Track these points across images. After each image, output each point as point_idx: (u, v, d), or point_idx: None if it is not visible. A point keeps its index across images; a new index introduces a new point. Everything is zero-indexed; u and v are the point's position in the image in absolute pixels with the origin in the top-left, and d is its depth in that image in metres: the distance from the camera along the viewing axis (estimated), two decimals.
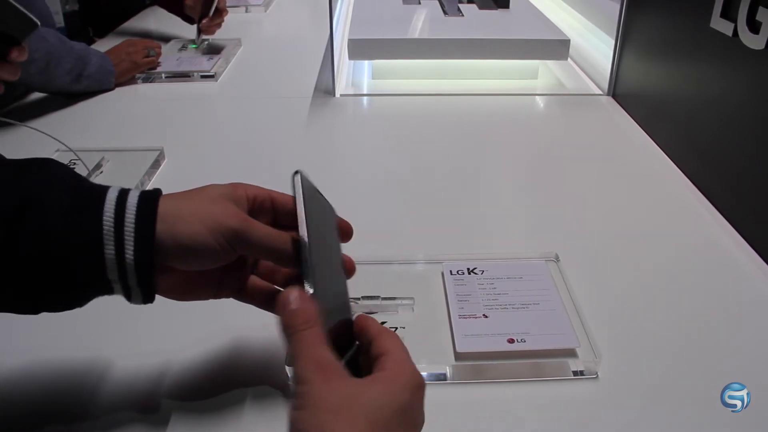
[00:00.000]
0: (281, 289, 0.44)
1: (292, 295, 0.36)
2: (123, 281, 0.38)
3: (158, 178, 0.84)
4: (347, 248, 0.46)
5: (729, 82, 0.74)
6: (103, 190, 0.39)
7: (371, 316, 0.40)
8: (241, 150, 0.94)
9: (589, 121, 1.05)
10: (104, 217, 0.38)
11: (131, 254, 0.38)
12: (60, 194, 0.38)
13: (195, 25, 1.36)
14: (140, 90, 1.18)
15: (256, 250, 0.41)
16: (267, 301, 0.46)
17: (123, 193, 0.39)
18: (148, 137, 0.97)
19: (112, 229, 0.38)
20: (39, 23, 0.71)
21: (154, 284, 0.40)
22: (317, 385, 0.32)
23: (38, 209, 0.37)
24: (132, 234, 0.38)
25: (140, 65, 1.19)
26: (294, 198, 0.40)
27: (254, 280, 0.47)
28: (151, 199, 0.39)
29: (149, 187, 0.81)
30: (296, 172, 0.41)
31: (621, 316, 0.58)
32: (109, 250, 0.37)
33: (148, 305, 0.42)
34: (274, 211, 0.44)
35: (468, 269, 0.61)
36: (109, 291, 0.39)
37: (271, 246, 0.41)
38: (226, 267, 0.43)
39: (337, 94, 1.13)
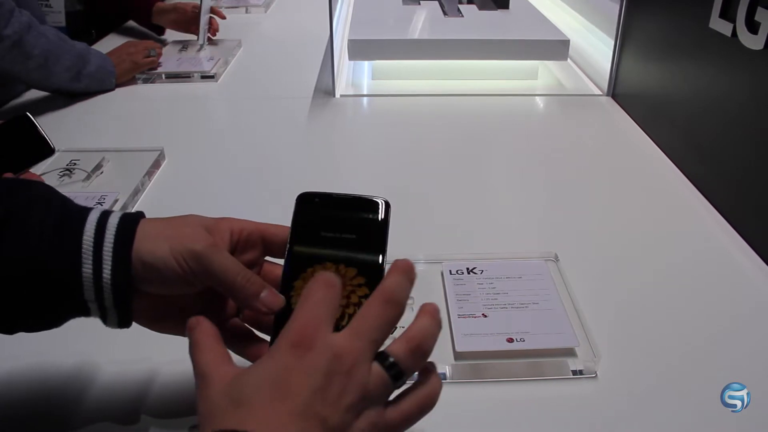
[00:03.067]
0: (262, 336, 0.43)
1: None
2: (99, 302, 0.38)
3: (158, 178, 0.84)
4: None
5: (728, 82, 0.75)
6: (86, 211, 0.40)
7: None
8: (241, 150, 0.94)
9: (589, 121, 1.05)
10: (84, 237, 0.38)
11: (108, 274, 0.37)
12: (44, 213, 0.38)
13: (198, 29, 1.37)
14: (140, 90, 1.18)
15: (216, 279, 0.39)
16: (245, 347, 0.42)
17: (104, 215, 0.39)
18: (148, 137, 0.97)
19: (91, 249, 0.38)
20: (56, 150, 0.76)
21: (131, 307, 0.39)
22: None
23: (20, 224, 0.37)
24: (110, 254, 0.38)
25: (141, 65, 1.19)
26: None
27: (235, 323, 0.45)
28: (131, 221, 0.39)
29: (147, 188, 0.81)
30: (299, 196, 0.40)
31: (620, 316, 0.58)
32: (87, 269, 0.37)
33: None
34: (264, 244, 0.43)
35: (467, 269, 0.61)
36: (86, 312, 0.39)
37: (230, 279, 0.38)
38: (205, 304, 0.42)
39: (337, 95, 1.13)
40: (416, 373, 0.35)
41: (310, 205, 0.40)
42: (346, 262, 0.38)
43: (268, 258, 0.45)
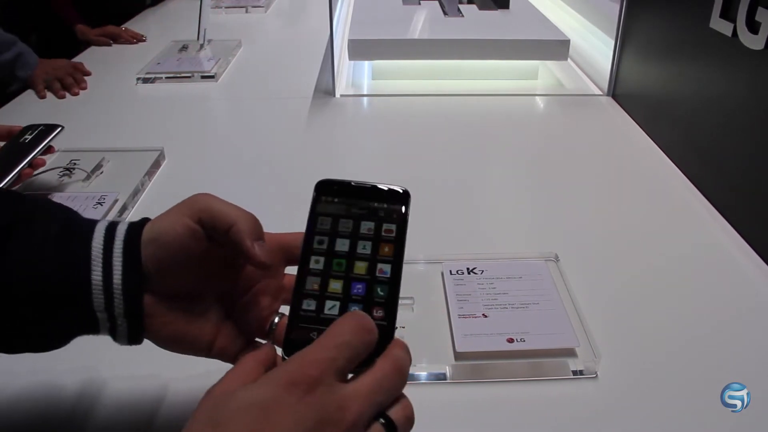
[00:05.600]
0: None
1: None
2: (109, 311, 0.36)
3: (158, 178, 0.84)
4: None
5: (728, 82, 0.75)
6: (93, 221, 0.39)
7: None
8: (241, 150, 0.94)
9: (589, 121, 1.05)
10: (93, 244, 0.37)
11: (119, 279, 0.36)
12: (50, 221, 0.37)
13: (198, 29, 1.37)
14: (140, 90, 1.18)
15: (219, 221, 0.38)
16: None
17: (113, 224, 0.39)
18: (148, 137, 0.97)
19: (101, 255, 0.37)
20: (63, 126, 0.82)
21: (142, 317, 0.37)
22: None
23: (27, 231, 0.36)
24: (120, 258, 0.37)
25: (54, 87, 1.17)
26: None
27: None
28: (138, 226, 0.39)
29: (147, 188, 0.81)
30: (318, 183, 0.39)
31: (620, 316, 0.58)
32: (96, 275, 0.36)
33: None
34: (283, 253, 0.42)
35: (468, 269, 0.61)
36: (95, 326, 0.37)
37: (233, 215, 0.38)
38: (221, 324, 0.41)
39: (337, 95, 1.13)
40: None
41: (328, 192, 0.39)
42: (363, 252, 0.37)
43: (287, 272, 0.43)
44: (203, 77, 1.21)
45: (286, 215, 0.40)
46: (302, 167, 0.88)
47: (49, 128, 0.81)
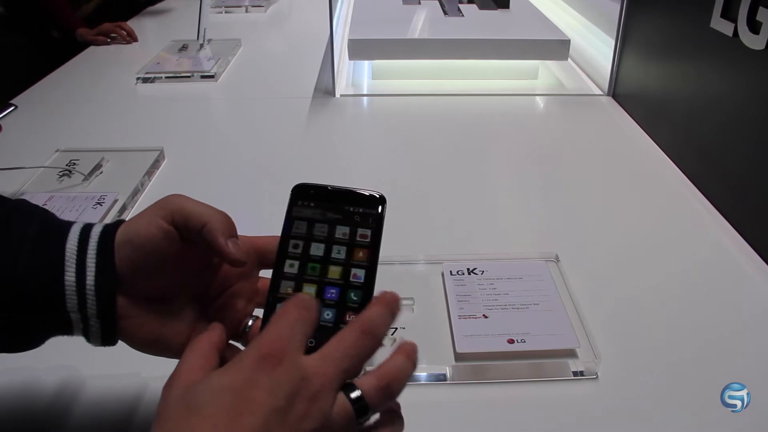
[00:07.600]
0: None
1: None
2: (82, 312, 0.37)
3: (158, 178, 0.84)
4: None
5: (729, 82, 0.74)
6: (69, 223, 0.39)
7: None
8: (241, 150, 0.94)
9: (589, 121, 1.05)
10: (67, 245, 0.37)
11: (92, 280, 0.37)
12: (28, 223, 0.38)
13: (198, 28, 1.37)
14: (140, 90, 1.18)
15: (191, 221, 0.38)
16: None
17: (87, 226, 0.39)
18: (148, 137, 0.97)
19: (75, 256, 0.37)
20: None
21: (115, 317, 0.38)
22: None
23: (4, 232, 0.37)
24: (94, 260, 0.37)
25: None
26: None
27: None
28: (112, 228, 0.39)
29: (147, 188, 0.81)
30: (294, 187, 0.40)
31: (621, 317, 0.58)
32: (70, 276, 0.36)
33: None
34: (257, 256, 0.42)
35: (468, 269, 0.61)
36: (68, 327, 0.37)
37: (206, 216, 0.38)
38: (196, 326, 0.41)
39: (337, 95, 1.13)
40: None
41: (304, 196, 0.40)
42: (338, 257, 0.38)
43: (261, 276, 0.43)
44: (203, 77, 1.21)
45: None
46: (302, 167, 0.88)
47: (2, 106, 0.80)
